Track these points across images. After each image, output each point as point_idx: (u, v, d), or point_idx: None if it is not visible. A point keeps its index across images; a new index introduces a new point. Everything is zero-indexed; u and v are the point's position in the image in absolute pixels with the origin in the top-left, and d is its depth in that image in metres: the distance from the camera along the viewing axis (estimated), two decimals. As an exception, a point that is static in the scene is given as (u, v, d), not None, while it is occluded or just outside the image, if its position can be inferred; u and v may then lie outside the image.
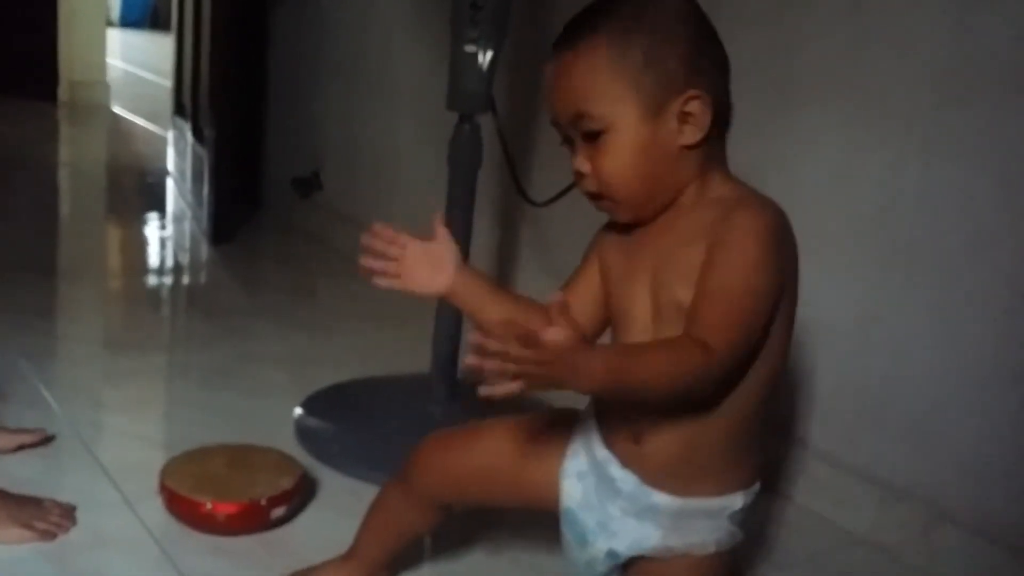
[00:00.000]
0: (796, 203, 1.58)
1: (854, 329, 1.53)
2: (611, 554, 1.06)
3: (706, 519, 1.04)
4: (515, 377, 0.82)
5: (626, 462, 1.04)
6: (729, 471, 1.04)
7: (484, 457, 1.14)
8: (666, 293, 1.00)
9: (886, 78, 1.46)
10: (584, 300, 1.09)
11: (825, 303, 1.54)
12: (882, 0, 1.46)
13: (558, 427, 1.13)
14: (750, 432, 1.03)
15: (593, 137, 0.98)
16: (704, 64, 0.98)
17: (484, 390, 0.83)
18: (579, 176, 1.01)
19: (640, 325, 1.03)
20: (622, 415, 1.04)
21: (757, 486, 1.07)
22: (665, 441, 1.01)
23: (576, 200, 1.74)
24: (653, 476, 1.03)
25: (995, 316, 1.36)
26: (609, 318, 1.09)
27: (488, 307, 1.09)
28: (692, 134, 0.98)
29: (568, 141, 1.02)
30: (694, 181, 1.00)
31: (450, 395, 1.73)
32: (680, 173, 1.00)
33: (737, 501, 1.04)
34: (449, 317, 1.70)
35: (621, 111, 0.96)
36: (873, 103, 1.48)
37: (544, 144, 2.07)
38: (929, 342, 1.44)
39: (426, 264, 1.09)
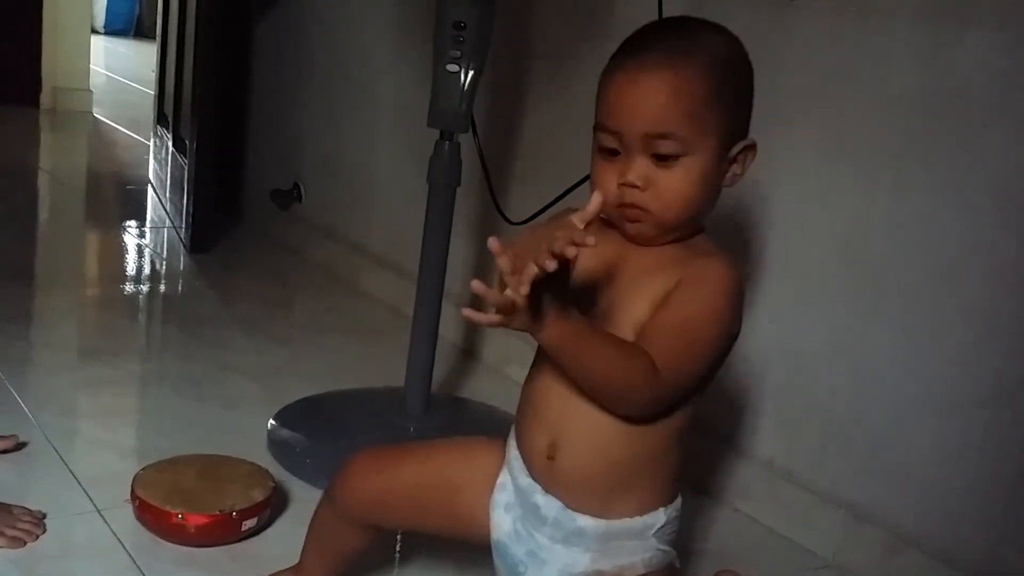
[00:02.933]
0: (770, 230, 1.61)
1: (822, 353, 1.55)
2: None
3: (632, 539, 1.04)
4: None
5: (547, 486, 1.04)
6: (650, 489, 1.04)
7: (413, 479, 1.12)
8: (617, 312, 1.00)
9: (859, 111, 1.49)
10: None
11: (794, 327, 1.56)
12: (857, 34, 1.49)
13: (487, 456, 1.12)
14: (672, 451, 1.04)
15: (662, 156, 0.97)
16: (750, 114, 1.03)
17: (466, 312, 0.86)
18: (626, 186, 0.98)
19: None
20: (542, 426, 1.04)
21: (679, 501, 1.07)
22: (580, 455, 1.02)
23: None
24: (573, 497, 1.03)
25: (960, 343, 1.39)
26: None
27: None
28: (733, 178, 1.02)
29: (613, 151, 1.00)
30: (700, 225, 1.04)
31: (424, 409, 1.74)
32: (707, 211, 1.03)
33: (659, 518, 1.04)
34: (424, 331, 1.72)
35: (705, 141, 0.97)
36: (846, 136, 1.51)
37: (522, 164, 2.09)
38: (895, 368, 1.46)
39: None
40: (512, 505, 1.09)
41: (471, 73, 1.60)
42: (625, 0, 1.83)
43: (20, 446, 1.53)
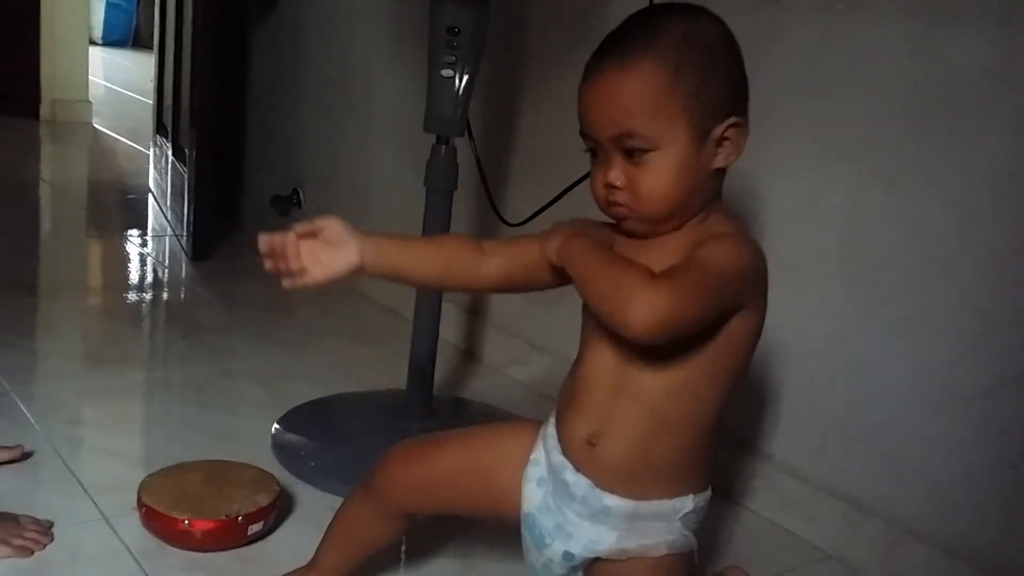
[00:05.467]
0: (766, 227, 1.62)
1: (820, 348, 1.56)
2: (567, 556, 1.09)
3: (658, 521, 1.06)
4: None
5: (579, 466, 1.07)
6: (680, 477, 1.06)
7: (450, 465, 1.16)
8: None
9: (851, 106, 1.50)
10: (520, 257, 1.12)
11: (792, 322, 1.57)
12: (848, 30, 1.50)
13: (521, 436, 1.16)
14: (704, 443, 1.06)
15: (634, 154, 0.99)
16: (741, 90, 1.02)
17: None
18: (608, 188, 1.01)
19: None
20: (585, 414, 1.07)
21: (708, 492, 1.09)
22: (621, 446, 1.04)
23: (549, 221, 1.77)
24: (606, 480, 1.05)
25: (957, 335, 1.40)
26: (529, 288, 1.15)
27: (411, 263, 1.12)
28: (725, 158, 1.01)
29: (595, 152, 1.03)
30: (704, 207, 1.03)
31: (427, 411, 1.75)
32: (703, 196, 1.02)
33: (688, 503, 1.07)
34: (424, 333, 1.73)
35: (672, 133, 0.97)
36: (839, 131, 1.52)
37: (518, 166, 2.10)
38: (893, 360, 1.47)
39: (324, 248, 1.06)
40: (544, 479, 1.11)
41: (466, 77, 1.61)
42: (617, 3, 1.84)
43: (26, 456, 1.54)
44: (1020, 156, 1.33)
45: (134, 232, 3.10)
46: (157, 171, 3.38)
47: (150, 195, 3.43)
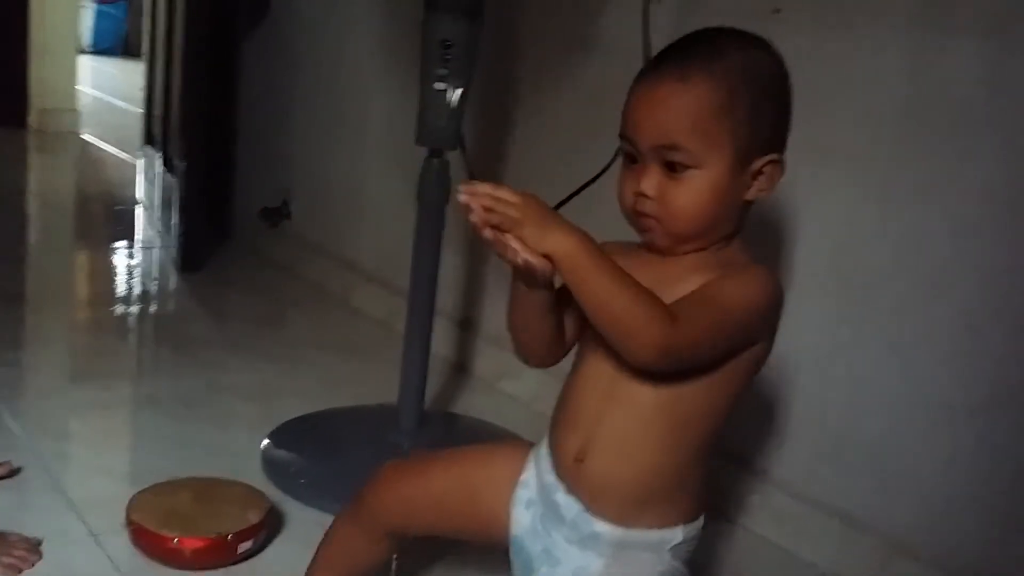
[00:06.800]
0: (759, 240, 1.62)
1: (814, 363, 1.56)
2: None
3: (647, 552, 1.05)
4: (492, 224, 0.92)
5: (570, 486, 1.05)
6: (671, 503, 1.05)
7: (438, 485, 1.15)
8: None
9: (845, 120, 1.50)
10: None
11: (786, 338, 1.55)
12: (842, 44, 1.50)
13: (511, 456, 1.14)
14: (696, 464, 1.04)
15: (673, 167, 0.98)
16: (784, 128, 1.03)
17: (463, 196, 0.92)
18: (638, 196, 1.00)
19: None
20: (575, 428, 1.05)
21: (700, 521, 1.07)
22: (609, 459, 1.03)
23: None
24: (595, 502, 1.04)
25: (950, 352, 1.40)
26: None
27: (543, 321, 1.06)
28: (757, 191, 1.02)
29: (633, 158, 1.02)
30: (725, 237, 1.03)
31: (418, 426, 1.74)
32: (728, 225, 1.02)
33: (677, 535, 1.05)
34: (416, 347, 1.72)
35: (715, 155, 0.98)
36: (833, 145, 1.52)
37: (510, 179, 2.09)
38: (887, 377, 1.47)
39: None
40: (533, 502, 1.10)
41: (459, 90, 1.60)
42: (610, 16, 1.84)
43: (15, 472, 1.52)
44: (1014, 171, 1.33)
45: (123, 243, 3.09)
46: (146, 181, 3.37)
47: (138, 205, 3.42)
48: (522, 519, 1.10)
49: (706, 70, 0.98)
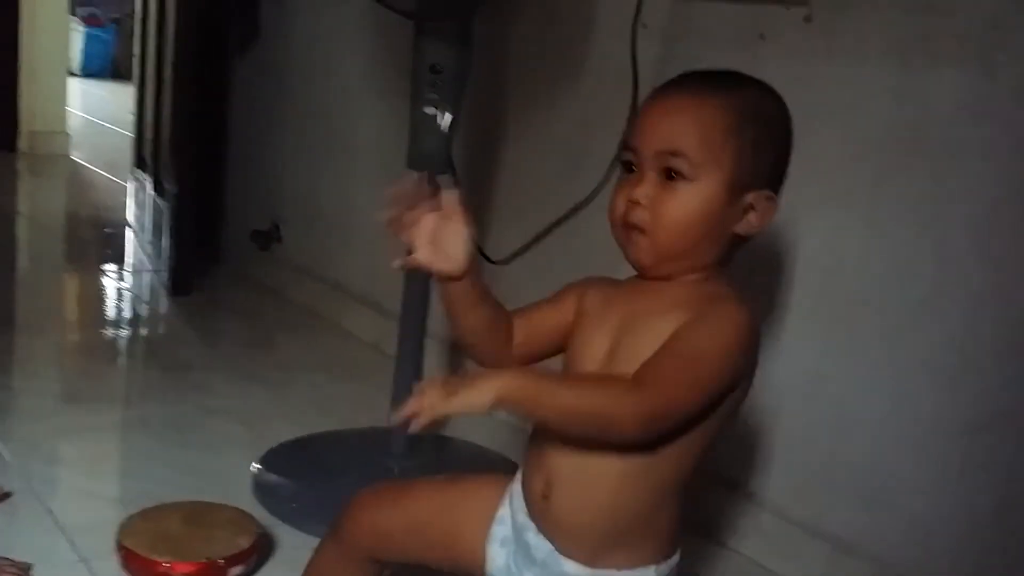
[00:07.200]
0: (746, 266, 1.63)
1: (803, 386, 1.57)
2: None
3: None
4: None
5: (540, 526, 1.05)
6: (641, 543, 1.03)
7: (416, 514, 1.14)
8: (626, 354, 1.00)
9: (831, 147, 1.51)
10: (541, 325, 1.10)
11: (775, 361, 1.57)
12: (827, 70, 1.51)
13: (489, 492, 1.13)
14: (668, 500, 1.03)
15: (672, 178, 0.99)
16: (781, 173, 1.05)
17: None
18: (631, 204, 1.00)
19: (593, 370, 1.04)
20: (540, 465, 1.05)
21: (675, 559, 1.06)
22: (571, 499, 1.02)
23: (532, 259, 1.78)
24: (564, 541, 1.03)
25: (938, 375, 1.41)
26: (553, 353, 1.11)
27: (471, 313, 1.09)
28: (747, 227, 1.02)
29: (630, 168, 1.02)
30: (709, 269, 1.03)
31: (409, 449, 1.74)
32: (713, 252, 1.02)
33: (649, 574, 1.04)
34: (407, 370, 1.72)
35: (714, 172, 0.99)
36: (819, 171, 1.53)
37: (501, 202, 2.10)
38: (875, 400, 1.48)
39: (441, 238, 1.04)
40: (508, 540, 1.10)
41: (449, 115, 1.61)
42: (598, 41, 1.86)
43: (5, 496, 1.52)
44: (999, 196, 1.34)
45: (112, 267, 3.09)
46: (136, 205, 3.37)
47: (128, 229, 3.42)
48: (497, 558, 1.10)
49: (723, 95, 1.01)
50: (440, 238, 1.04)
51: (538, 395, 0.92)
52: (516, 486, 1.11)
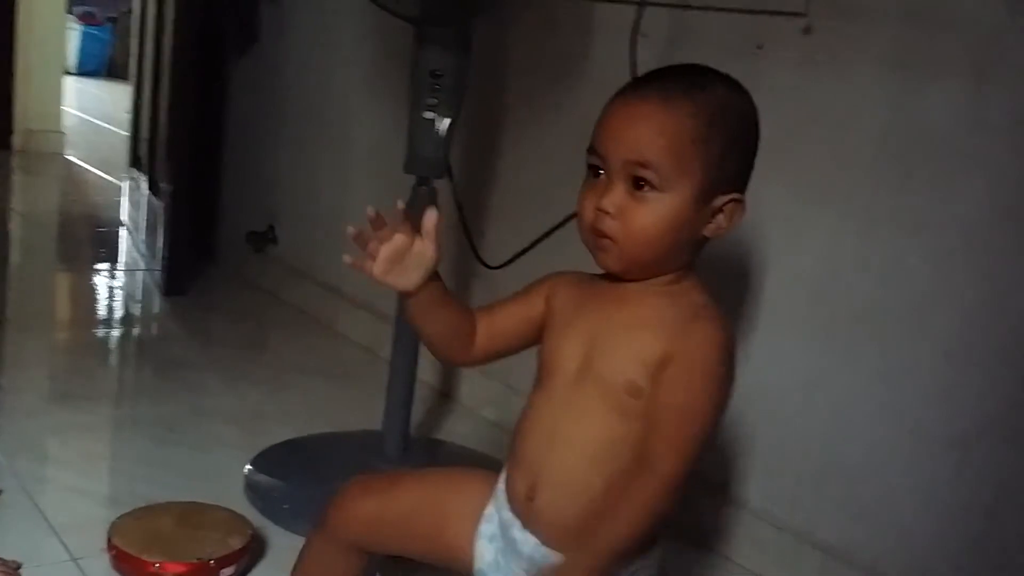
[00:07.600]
0: (741, 274, 1.64)
1: (796, 394, 1.57)
2: None
3: None
4: None
5: (526, 523, 1.06)
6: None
7: (404, 506, 1.14)
8: (604, 363, 1.01)
9: (827, 156, 1.52)
10: (505, 324, 1.13)
11: (768, 368, 1.58)
12: (824, 80, 1.52)
13: (478, 488, 1.14)
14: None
15: (640, 187, 0.99)
16: (748, 171, 1.04)
17: None
18: (599, 213, 1.00)
19: (563, 378, 1.04)
20: (523, 468, 1.06)
21: (654, 552, 1.07)
22: (556, 500, 1.03)
23: (528, 263, 1.77)
24: (550, 537, 1.04)
25: (931, 384, 1.41)
26: (522, 347, 1.13)
27: (429, 322, 1.11)
28: (716, 229, 1.02)
29: (596, 173, 1.02)
30: (680, 271, 1.03)
31: (402, 452, 1.74)
32: (682, 257, 1.03)
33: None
34: (401, 373, 1.72)
35: (683, 182, 0.98)
36: (815, 180, 1.54)
37: (498, 207, 2.10)
38: (868, 408, 1.48)
39: (405, 256, 1.09)
40: (495, 536, 1.10)
41: (448, 120, 1.61)
42: (597, 48, 1.86)
43: (-5, 495, 1.52)
44: (993, 205, 1.35)
45: (106, 266, 3.08)
46: (131, 204, 3.36)
47: (122, 228, 3.41)
48: (485, 554, 1.11)
49: (689, 98, 0.99)
50: (405, 255, 1.08)
51: (611, 564, 0.98)
52: (500, 484, 1.11)
